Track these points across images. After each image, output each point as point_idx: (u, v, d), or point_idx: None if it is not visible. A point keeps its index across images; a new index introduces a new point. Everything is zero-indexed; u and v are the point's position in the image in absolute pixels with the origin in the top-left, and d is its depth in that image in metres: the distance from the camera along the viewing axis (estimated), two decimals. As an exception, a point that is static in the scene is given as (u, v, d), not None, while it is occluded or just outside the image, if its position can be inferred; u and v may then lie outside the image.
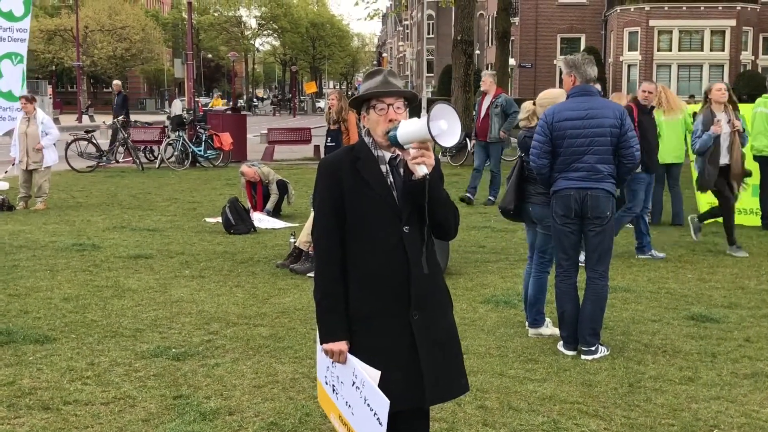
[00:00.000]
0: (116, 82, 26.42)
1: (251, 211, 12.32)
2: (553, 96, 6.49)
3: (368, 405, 3.20)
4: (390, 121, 3.27)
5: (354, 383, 3.25)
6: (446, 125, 3.07)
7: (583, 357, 5.95)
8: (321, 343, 3.32)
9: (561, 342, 6.18)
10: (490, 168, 14.32)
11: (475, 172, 14.36)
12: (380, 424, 3.17)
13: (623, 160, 5.89)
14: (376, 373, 3.20)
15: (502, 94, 14.34)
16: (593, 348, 5.97)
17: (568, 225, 6.03)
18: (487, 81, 14.30)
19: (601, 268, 6.03)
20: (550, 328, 6.54)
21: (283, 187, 12.83)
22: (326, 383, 3.41)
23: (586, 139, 5.85)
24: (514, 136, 13.84)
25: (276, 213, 12.70)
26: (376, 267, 3.30)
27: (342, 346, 3.28)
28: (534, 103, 6.60)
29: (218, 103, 40.23)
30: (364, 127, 3.41)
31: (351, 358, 3.26)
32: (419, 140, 3.11)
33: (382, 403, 3.14)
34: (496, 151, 14.31)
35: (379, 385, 3.19)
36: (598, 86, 6.67)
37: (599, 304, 6.05)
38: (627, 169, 5.94)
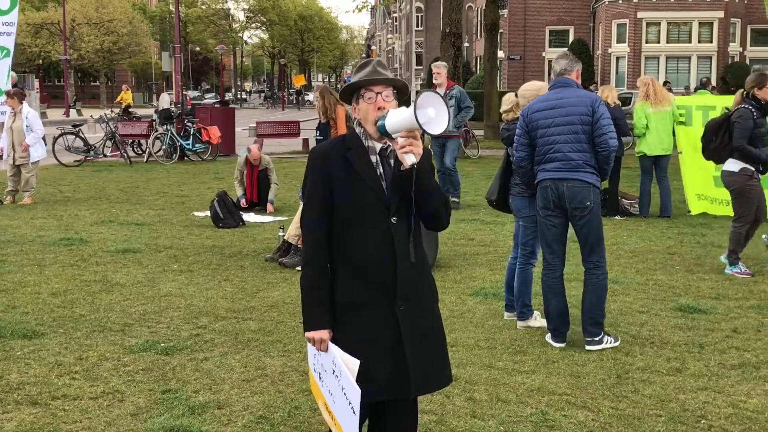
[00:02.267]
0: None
1: (243, 201, 12.41)
2: (536, 87, 6.49)
3: (344, 393, 3.22)
4: (379, 109, 3.27)
5: (333, 371, 3.27)
6: (434, 113, 3.06)
7: (587, 348, 5.94)
8: (304, 331, 3.34)
9: (549, 335, 6.21)
10: (446, 166, 12.99)
11: (439, 174, 13.09)
12: (353, 412, 3.19)
13: (597, 148, 5.85)
14: (355, 363, 3.20)
15: (456, 86, 13.18)
16: (597, 338, 5.95)
17: (550, 218, 6.05)
18: (443, 73, 12.77)
19: (594, 258, 6.03)
20: (538, 321, 6.56)
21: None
22: (315, 371, 3.44)
23: (556, 128, 5.88)
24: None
25: (265, 207, 12.71)
26: (364, 257, 3.30)
27: (323, 334, 3.29)
28: (516, 95, 6.62)
29: (127, 98, 35.07)
30: (355, 118, 3.41)
31: (332, 346, 3.28)
32: (407, 129, 3.12)
33: (355, 392, 3.16)
34: (453, 147, 13.19)
35: (365, 375, 3.20)
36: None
37: (598, 294, 6.02)
38: (603, 157, 5.88)
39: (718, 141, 8.45)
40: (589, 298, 6.03)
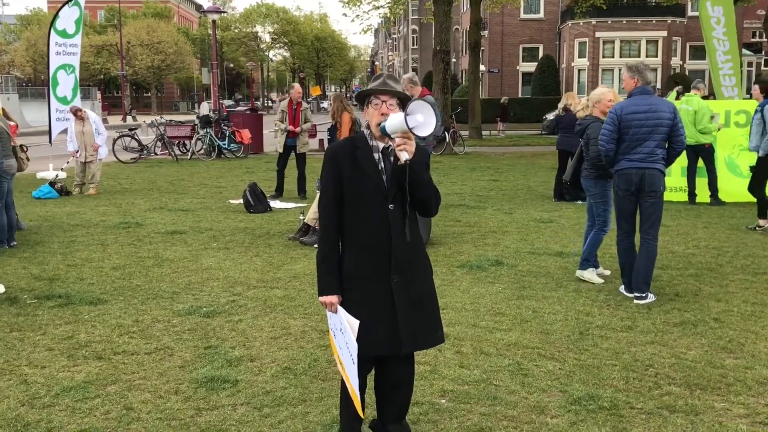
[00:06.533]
0: None
1: (290, 127, 12.64)
2: (601, 92, 6.85)
3: (347, 346, 3.25)
4: (383, 114, 3.27)
5: (340, 329, 3.29)
6: (422, 118, 3.07)
7: (635, 302, 6.14)
8: (318, 296, 3.34)
9: (622, 286, 6.47)
10: None
11: None
12: (353, 362, 3.23)
13: (674, 145, 6.13)
14: (356, 322, 3.23)
15: (428, 96, 9.99)
16: (644, 294, 6.17)
17: (628, 197, 6.23)
18: (412, 88, 8.49)
19: (653, 232, 6.22)
20: (590, 274, 6.90)
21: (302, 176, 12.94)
22: (332, 330, 3.46)
23: (648, 129, 6.07)
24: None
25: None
26: (367, 237, 3.30)
27: (333, 299, 3.30)
28: (588, 99, 6.93)
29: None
30: (358, 123, 3.40)
31: (339, 308, 3.30)
32: (401, 131, 3.12)
33: (354, 346, 3.21)
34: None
35: (364, 334, 3.23)
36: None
37: (650, 259, 6.21)
38: (676, 152, 6.17)
39: None
40: (643, 263, 6.19)
